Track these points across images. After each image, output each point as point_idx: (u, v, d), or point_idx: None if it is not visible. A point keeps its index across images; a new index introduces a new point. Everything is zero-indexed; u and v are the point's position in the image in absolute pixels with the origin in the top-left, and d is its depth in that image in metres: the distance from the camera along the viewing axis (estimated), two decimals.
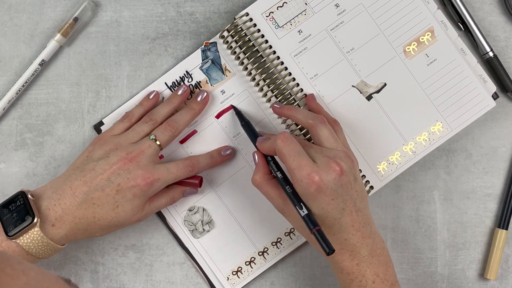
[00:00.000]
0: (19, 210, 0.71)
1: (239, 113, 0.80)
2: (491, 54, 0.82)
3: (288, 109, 0.77)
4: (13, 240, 0.71)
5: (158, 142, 0.76)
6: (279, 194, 0.73)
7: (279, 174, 0.73)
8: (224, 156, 0.81)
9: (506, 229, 0.82)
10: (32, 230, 0.70)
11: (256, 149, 0.76)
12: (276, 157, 0.74)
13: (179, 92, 0.80)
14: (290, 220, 0.73)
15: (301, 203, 0.70)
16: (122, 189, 0.73)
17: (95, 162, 0.74)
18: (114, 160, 0.74)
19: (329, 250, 0.67)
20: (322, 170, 0.69)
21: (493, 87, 0.81)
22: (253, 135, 0.77)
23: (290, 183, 0.72)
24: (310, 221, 0.69)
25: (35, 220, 0.70)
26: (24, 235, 0.70)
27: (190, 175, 0.78)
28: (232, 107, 0.81)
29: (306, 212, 0.69)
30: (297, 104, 0.79)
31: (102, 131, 0.81)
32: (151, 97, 0.80)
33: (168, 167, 0.76)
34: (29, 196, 0.72)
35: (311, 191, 0.68)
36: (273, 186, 0.73)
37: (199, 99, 0.80)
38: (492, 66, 0.82)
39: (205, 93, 0.80)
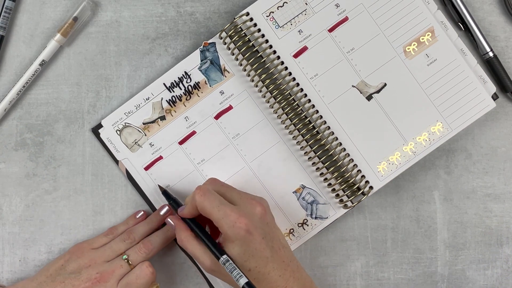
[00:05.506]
0: None
1: (165, 192, 0.80)
2: (491, 54, 0.82)
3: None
4: None
5: (130, 263, 0.76)
6: (207, 252, 0.73)
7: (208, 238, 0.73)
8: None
9: None
10: None
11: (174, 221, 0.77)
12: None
13: (161, 212, 0.80)
14: (222, 278, 0.74)
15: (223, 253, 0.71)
16: None
17: (66, 275, 0.76)
18: (84, 277, 0.75)
19: None
20: (247, 212, 0.71)
21: (493, 88, 0.81)
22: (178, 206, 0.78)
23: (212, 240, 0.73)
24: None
25: None
26: None
27: (150, 270, 0.77)
28: (160, 187, 0.81)
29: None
30: (297, 104, 0.79)
31: (80, 243, 0.80)
32: (137, 216, 0.81)
33: (128, 280, 0.76)
34: None
35: (242, 234, 0.70)
36: (197, 245, 0.74)
37: (172, 223, 0.78)
38: (492, 66, 0.82)
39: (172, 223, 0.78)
